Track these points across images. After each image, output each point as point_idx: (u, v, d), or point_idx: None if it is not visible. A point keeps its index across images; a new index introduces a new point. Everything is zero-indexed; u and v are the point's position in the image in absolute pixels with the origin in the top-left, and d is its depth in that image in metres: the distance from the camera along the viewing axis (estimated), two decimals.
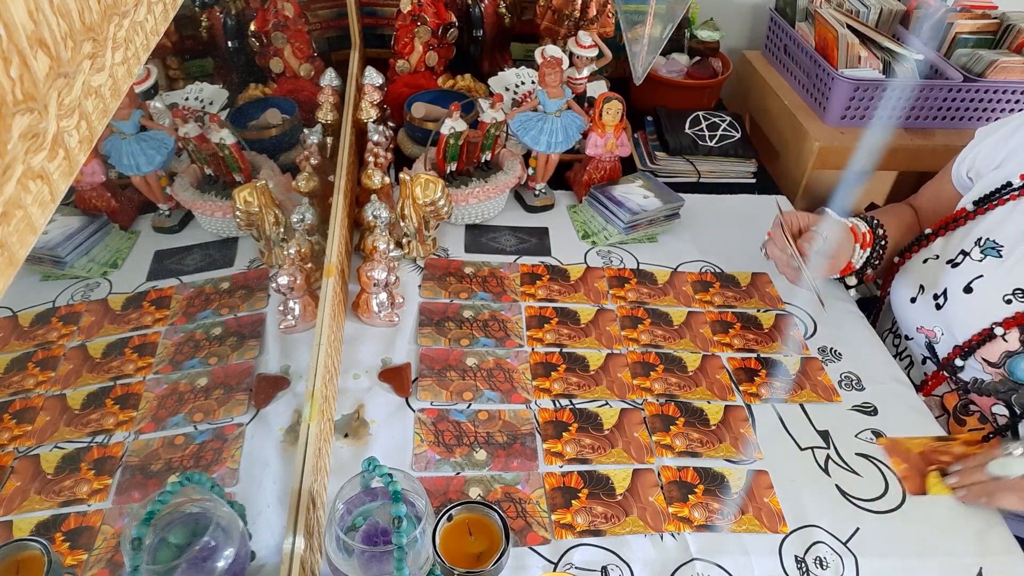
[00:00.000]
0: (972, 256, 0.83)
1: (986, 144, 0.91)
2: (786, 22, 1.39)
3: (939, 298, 0.85)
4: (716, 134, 1.23)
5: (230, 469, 0.71)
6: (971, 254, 0.83)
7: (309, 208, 0.85)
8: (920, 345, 0.89)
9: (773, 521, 0.72)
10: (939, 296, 0.85)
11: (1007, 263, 0.79)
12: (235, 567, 0.56)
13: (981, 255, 0.82)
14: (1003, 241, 0.81)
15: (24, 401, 0.75)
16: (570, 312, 0.94)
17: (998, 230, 0.82)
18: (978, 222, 0.85)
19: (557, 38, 1.29)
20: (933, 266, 0.88)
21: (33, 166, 0.26)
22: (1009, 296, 0.78)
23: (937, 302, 0.85)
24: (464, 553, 0.60)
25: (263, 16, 1.14)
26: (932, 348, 0.87)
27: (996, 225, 0.83)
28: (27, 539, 0.56)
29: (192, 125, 0.92)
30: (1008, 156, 0.87)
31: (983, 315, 0.79)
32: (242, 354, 0.82)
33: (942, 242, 0.89)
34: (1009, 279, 0.78)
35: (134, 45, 0.37)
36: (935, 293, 0.85)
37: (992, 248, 0.81)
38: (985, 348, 0.79)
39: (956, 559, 0.70)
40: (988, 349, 0.78)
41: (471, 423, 0.79)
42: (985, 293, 0.80)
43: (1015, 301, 0.77)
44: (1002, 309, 0.78)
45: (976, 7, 1.35)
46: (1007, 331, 0.77)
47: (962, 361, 0.82)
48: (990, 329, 0.78)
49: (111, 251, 0.94)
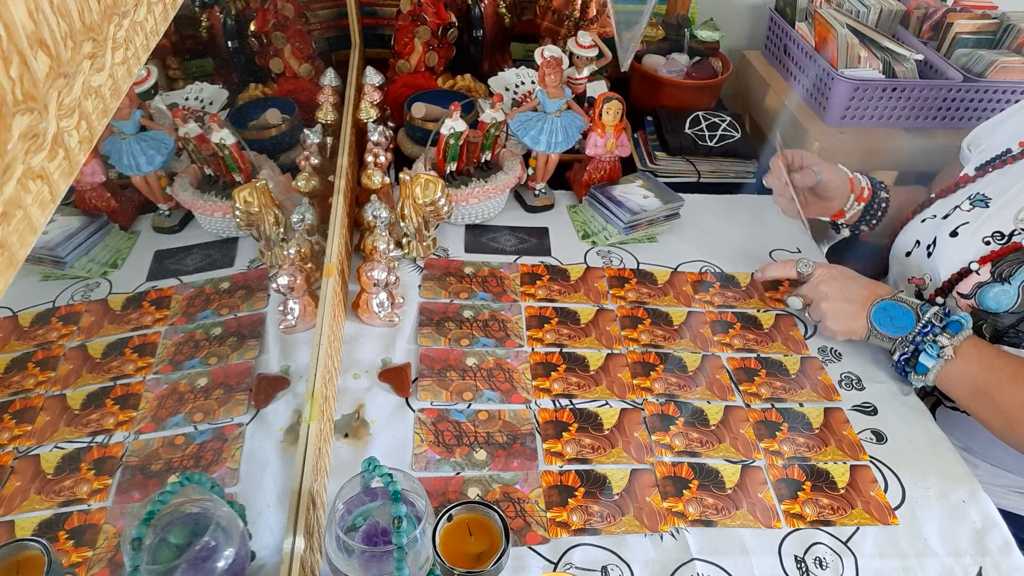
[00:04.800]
0: (962, 208, 0.88)
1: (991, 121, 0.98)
2: (786, 22, 1.39)
3: (930, 247, 0.90)
4: (716, 134, 1.23)
5: (230, 469, 0.71)
6: (961, 206, 0.89)
7: (309, 208, 0.85)
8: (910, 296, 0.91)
9: (768, 517, 0.72)
10: (930, 246, 0.90)
11: (991, 210, 0.85)
12: (235, 567, 0.56)
13: (970, 206, 0.87)
14: (992, 195, 0.86)
15: (24, 401, 0.75)
16: (570, 312, 0.94)
17: (990, 187, 0.87)
18: (976, 183, 0.90)
19: (557, 38, 1.29)
20: (930, 224, 0.92)
21: (33, 166, 0.26)
22: (988, 238, 0.82)
23: (928, 251, 0.90)
24: (464, 553, 0.60)
25: (263, 16, 1.14)
26: (920, 296, 0.91)
27: (989, 183, 0.88)
28: (27, 539, 0.56)
29: (192, 125, 0.92)
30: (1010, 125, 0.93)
31: (963, 255, 0.84)
32: (242, 354, 0.82)
33: (941, 203, 0.93)
34: (990, 223, 0.83)
35: (134, 45, 0.37)
36: (928, 244, 0.90)
37: (981, 200, 0.86)
38: (961, 284, 0.83)
39: (956, 559, 0.70)
40: (963, 284, 0.83)
41: (471, 423, 0.79)
42: (967, 236, 0.85)
43: (993, 242, 0.82)
44: (981, 248, 0.82)
45: (976, 7, 1.35)
46: (981, 266, 0.81)
47: (942, 299, 0.86)
48: (968, 266, 0.82)
49: (111, 251, 0.94)
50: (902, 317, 0.82)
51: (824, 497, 0.74)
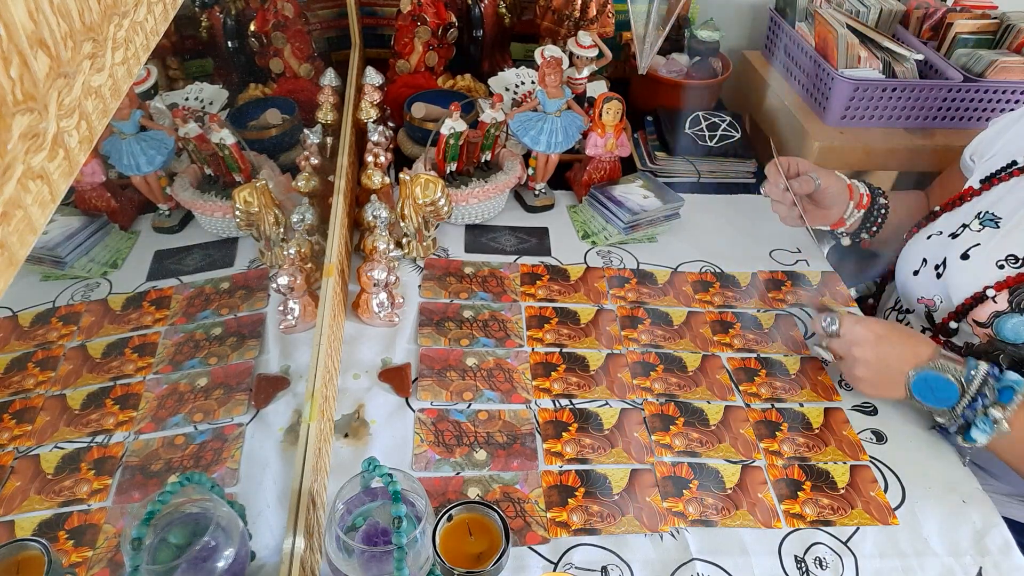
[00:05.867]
0: (971, 227, 0.86)
1: (992, 129, 0.95)
2: (786, 22, 1.39)
3: (939, 268, 0.87)
4: (716, 134, 1.23)
5: (230, 469, 0.71)
6: (970, 225, 0.86)
7: (309, 208, 0.85)
8: (920, 316, 0.91)
9: (768, 517, 0.72)
10: (939, 266, 0.87)
11: (1003, 232, 0.83)
12: (235, 567, 0.56)
13: (980, 226, 0.85)
14: (1001, 214, 0.84)
15: (24, 401, 0.75)
16: (570, 312, 0.94)
17: (999, 204, 0.85)
18: (982, 198, 0.88)
19: (557, 38, 1.29)
20: (936, 241, 0.90)
21: (33, 166, 0.26)
22: (1002, 262, 0.80)
23: (937, 271, 0.87)
24: (464, 553, 0.60)
25: (263, 16, 1.14)
26: (931, 317, 0.89)
27: (997, 200, 0.86)
28: (27, 539, 0.56)
29: (192, 125, 0.92)
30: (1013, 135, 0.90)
31: (977, 279, 0.82)
32: (242, 354, 0.82)
33: (947, 217, 0.91)
34: (1003, 246, 0.81)
35: (134, 45, 0.37)
36: (936, 264, 0.88)
37: (991, 219, 0.84)
38: (977, 310, 0.81)
39: (956, 559, 0.70)
40: (979, 311, 0.81)
41: (471, 423, 0.79)
42: (980, 259, 0.82)
43: (1007, 267, 0.80)
44: (995, 273, 0.80)
45: (976, 7, 1.35)
46: (997, 292, 0.79)
47: (955, 323, 0.84)
48: (982, 292, 0.80)
49: (111, 251, 0.94)
50: (944, 389, 0.75)
51: (824, 497, 0.74)
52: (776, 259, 1.06)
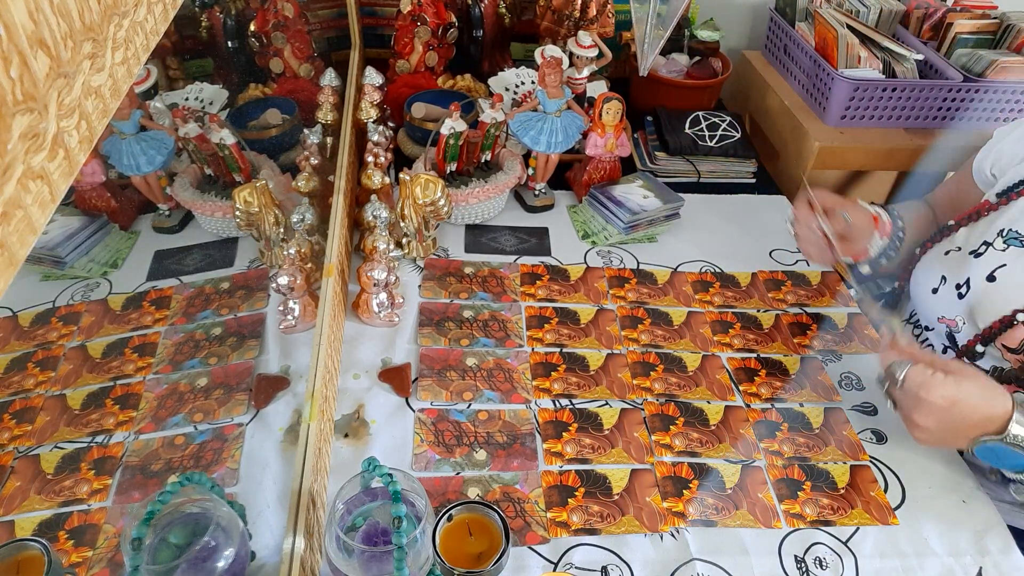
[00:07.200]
0: (995, 246, 0.83)
1: (1010, 140, 0.91)
2: (786, 22, 1.39)
3: (961, 287, 0.84)
4: (716, 134, 1.23)
5: (230, 469, 0.71)
6: (994, 244, 0.83)
7: (309, 208, 0.85)
8: (941, 335, 0.89)
9: (768, 517, 0.72)
10: (961, 286, 0.84)
11: None
12: (235, 567, 0.56)
13: (1004, 245, 0.82)
14: None
15: (24, 401, 0.75)
16: (570, 312, 0.94)
17: (1021, 220, 0.83)
18: (1001, 213, 0.85)
19: (557, 38, 1.29)
20: (955, 257, 0.88)
21: (33, 166, 0.26)
22: None
23: (959, 291, 0.85)
24: (464, 553, 0.60)
25: (263, 16, 1.14)
26: (953, 338, 0.87)
27: (1019, 215, 0.83)
28: (27, 539, 0.56)
29: (192, 125, 0.92)
30: None
31: (1006, 303, 0.79)
32: (242, 354, 0.82)
33: (965, 233, 0.89)
34: None
35: (134, 45, 0.37)
36: (957, 283, 0.85)
37: (1015, 238, 0.81)
38: (1006, 335, 0.79)
39: (956, 559, 0.70)
40: (1009, 336, 0.79)
41: (471, 423, 0.79)
42: (1008, 281, 0.80)
43: None
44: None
45: (976, 7, 1.35)
46: None
47: (982, 347, 0.82)
48: (1012, 316, 0.78)
49: (111, 251, 0.94)
50: (1012, 458, 0.70)
51: (824, 497, 0.74)
52: (776, 259, 1.06)
